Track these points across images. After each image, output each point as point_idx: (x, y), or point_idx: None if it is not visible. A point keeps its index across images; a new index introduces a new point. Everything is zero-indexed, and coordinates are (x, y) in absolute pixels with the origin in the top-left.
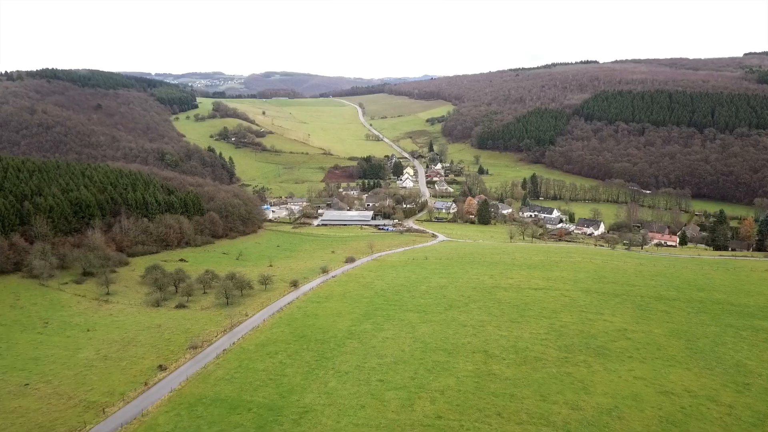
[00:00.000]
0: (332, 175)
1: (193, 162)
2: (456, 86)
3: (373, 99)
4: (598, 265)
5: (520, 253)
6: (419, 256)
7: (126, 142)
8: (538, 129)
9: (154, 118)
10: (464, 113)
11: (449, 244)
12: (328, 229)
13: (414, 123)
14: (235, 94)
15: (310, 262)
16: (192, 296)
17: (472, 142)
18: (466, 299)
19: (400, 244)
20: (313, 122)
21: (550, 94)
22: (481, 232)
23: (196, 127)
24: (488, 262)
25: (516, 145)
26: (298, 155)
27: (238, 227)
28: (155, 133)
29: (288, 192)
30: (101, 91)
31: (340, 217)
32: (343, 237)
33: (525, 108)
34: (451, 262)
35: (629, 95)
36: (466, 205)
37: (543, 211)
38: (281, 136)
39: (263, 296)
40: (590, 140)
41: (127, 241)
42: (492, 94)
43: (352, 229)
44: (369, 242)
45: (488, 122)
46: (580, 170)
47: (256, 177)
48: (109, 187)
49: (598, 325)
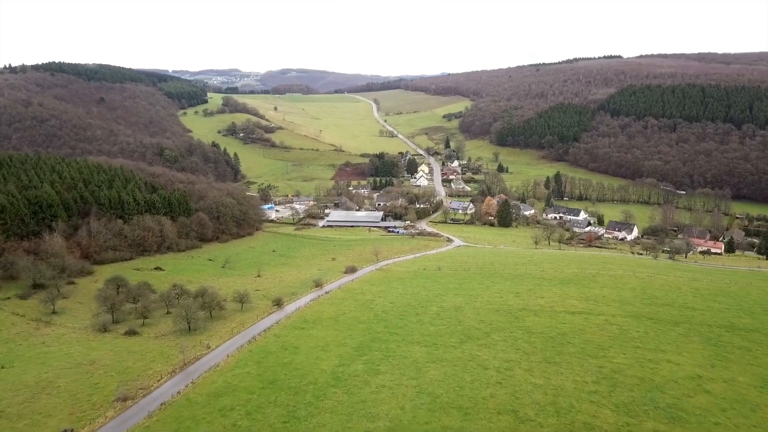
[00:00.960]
0: (343, 173)
1: (195, 158)
2: (474, 81)
3: (389, 95)
4: (644, 280)
5: (550, 264)
6: (431, 265)
7: (124, 136)
8: (560, 125)
9: (159, 112)
10: (483, 108)
11: (466, 251)
12: (332, 231)
13: (430, 119)
14: (249, 90)
15: (305, 271)
16: (151, 318)
17: (491, 138)
18: (488, 327)
19: (410, 249)
20: (326, 118)
21: (573, 88)
22: (501, 236)
23: (205, 122)
24: (512, 275)
25: (537, 142)
26: (308, 152)
27: (231, 229)
28: (158, 127)
29: (294, 190)
30: (107, 84)
31: (347, 218)
32: (347, 241)
33: (547, 103)
34: (468, 275)
35: (658, 89)
36: (485, 206)
37: (569, 213)
38: (291, 131)
39: (237, 319)
40: (617, 137)
41: (94, 247)
42: (512, 89)
43: (360, 232)
44: (375, 247)
45: (508, 118)
46: (607, 168)
47: (263, 174)
48: (79, 184)
49: (662, 370)
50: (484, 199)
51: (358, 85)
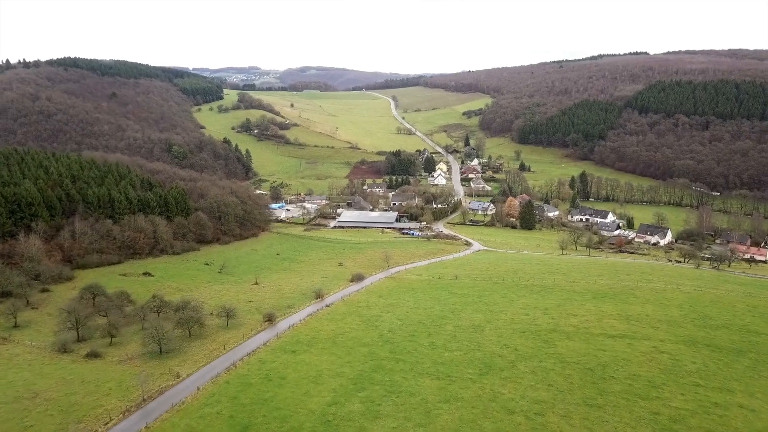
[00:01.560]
0: (358, 171)
1: (204, 154)
2: (495, 78)
3: (408, 92)
4: (691, 295)
5: (580, 273)
6: (448, 273)
7: (132, 131)
8: (585, 122)
9: (172, 108)
10: (504, 105)
11: (487, 256)
12: (344, 233)
13: (449, 116)
14: (266, 87)
15: (307, 278)
16: (121, 336)
17: (513, 136)
18: (512, 353)
19: (425, 254)
20: (342, 115)
21: (598, 85)
22: (524, 240)
23: (219, 118)
24: (539, 287)
25: (561, 140)
26: (323, 149)
27: (234, 230)
28: (169, 123)
29: (307, 189)
30: (121, 80)
31: (360, 219)
32: (358, 243)
33: (571, 100)
34: (489, 285)
35: (689, 86)
36: (507, 207)
37: (596, 215)
38: (306, 128)
39: (220, 338)
40: (646, 135)
41: (78, 249)
42: (534, 86)
43: (372, 233)
44: (387, 252)
45: (530, 115)
46: (635, 168)
47: (275, 172)
48: (66, 180)
49: (734, 419)
50: (505, 200)
51: (376, 83)
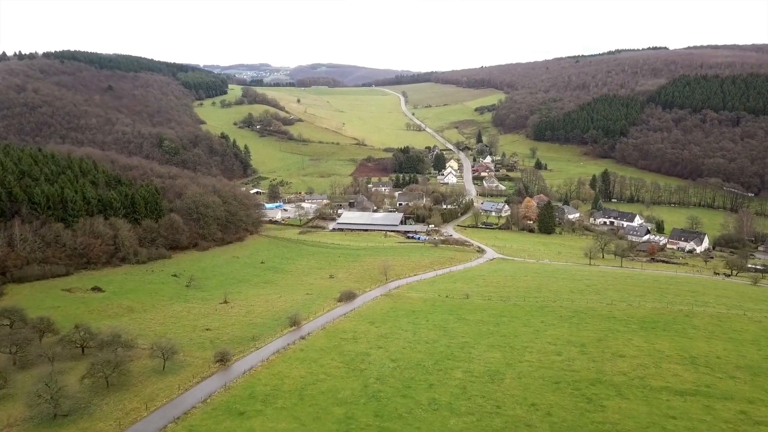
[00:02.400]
0: (364, 168)
1: (198, 150)
2: (508, 74)
3: (418, 88)
4: (765, 325)
5: (616, 290)
6: (457, 290)
7: (122, 125)
8: (605, 118)
9: (170, 102)
10: (518, 101)
11: (502, 267)
12: (342, 236)
13: (461, 112)
14: (274, 83)
15: (288, 295)
16: (11, 387)
17: (528, 132)
18: (545, 420)
19: (431, 263)
20: (350, 111)
21: (617, 79)
22: (544, 246)
23: (221, 113)
24: (569, 311)
25: (579, 137)
26: (328, 145)
27: (215, 234)
28: (165, 117)
29: (307, 187)
30: (120, 73)
31: (361, 220)
32: (356, 249)
33: (589, 95)
34: (507, 308)
35: (716, 80)
36: (523, 208)
37: (621, 218)
38: (312, 124)
39: (149, 388)
40: (671, 131)
41: (15, 259)
42: (550, 81)
43: (374, 237)
44: (386, 261)
45: (546, 110)
46: (660, 167)
47: (276, 169)
48: (8, 177)
49: None
50: (521, 200)
51: (386, 79)
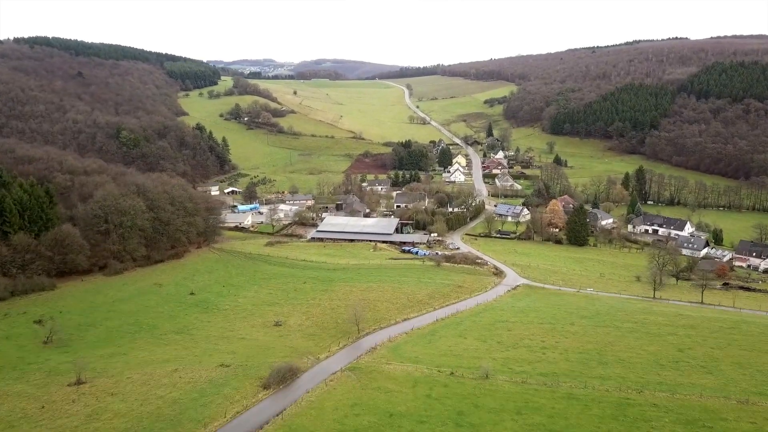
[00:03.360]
0: (360, 165)
1: (165, 142)
2: (520, 65)
3: (424, 80)
4: None
5: (732, 363)
6: (468, 353)
7: (75, 113)
8: (632, 109)
9: (149, 91)
10: (532, 91)
11: (533, 303)
12: (320, 249)
13: (469, 105)
14: (273, 76)
15: (189, 370)
16: None
17: (544, 125)
18: None
19: (430, 296)
20: (350, 104)
21: (641, 68)
22: (578, 263)
23: (207, 104)
24: (675, 416)
25: (603, 130)
26: (321, 139)
27: (136, 251)
28: (134, 106)
29: (290, 185)
30: (98, 60)
31: (346, 228)
32: (331, 270)
33: (611, 84)
34: (559, 405)
35: (756, 66)
36: (549, 212)
37: (667, 225)
38: (305, 116)
39: None
40: (709, 123)
41: None
42: (565, 71)
43: (360, 250)
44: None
45: (564, 101)
46: (698, 163)
47: (261, 164)
48: None
49: None
50: (543, 202)
51: (390, 71)
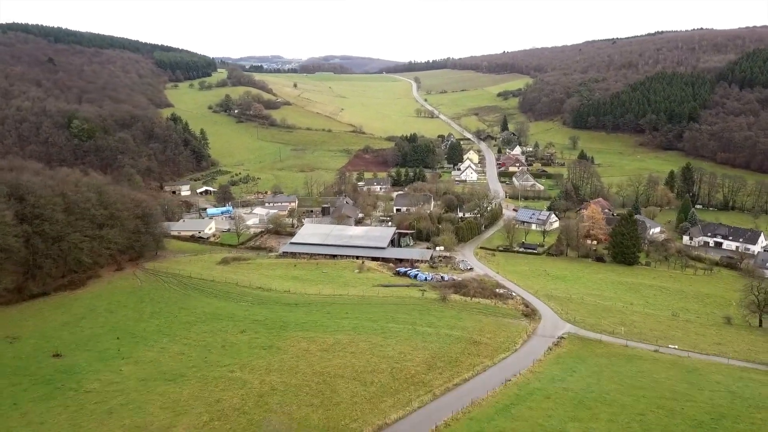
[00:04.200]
0: (359, 161)
1: (129, 133)
2: (535, 57)
3: (433, 74)
4: None
5: None
6: None
7: (23, 100)
8: (666, 99)
9: (129, 80)
10: (550, 82)
11: (592, 376)
12: (287, 269)
13: (481, 98)
14: (275, 70)
15: None
16: None
17: (565, 119)
18: None
19: (427, 364)
20: (354, 97)
21: (671, 57)
22: (633, 292)
23: (197, 96)
24: None
25: (633, 123)
26: (318, 133)
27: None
28: (105, 95)
29: (273, 185)
30: (78, 48)
31: (327, 240)
32: (292, 307)
33: (639, 74)
34: None
35: None
36: (587, 220)
37: (734, 236)
38: (302, 108)
39: None
40: (758, 115)
41: None
42: (586, 62)
43: (340, 271)
44: (333, 358)
45: (587, 92)
46: (749, 161)
47: (246, 160)
48: None
49: None
50: (574, 206)
51: (397, 65)
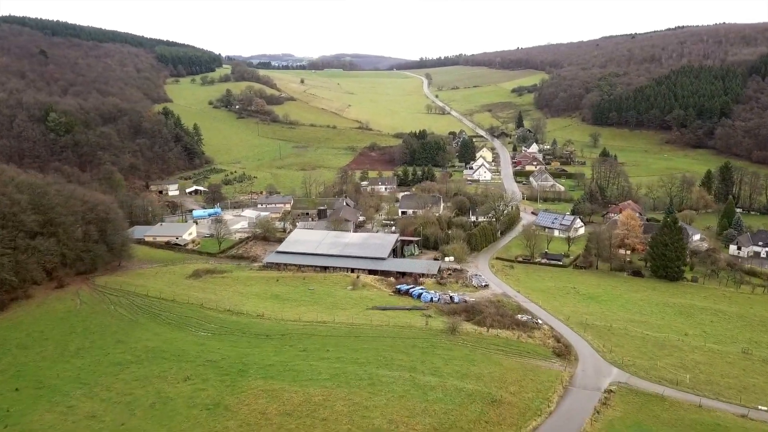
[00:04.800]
0: (365, 159)
1: (114, 128)
2: (550, 53)
3: (444, 70)
4: None
5: None
6: None
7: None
8: (696, 94)
9: (125, 74)
10: (568, 77)
11: None
12: (267, 285)
13: (494, 94)
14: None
15: None
16: None
17: (584, 115)
18: None
19: None
20: (362, 93)
21: (697, 50)
22: (685, 317)
23: (199, 91)
24: None
25: (659, 119)
26: (322, 129)
27: None
28: (95, 88)
29: (268, 185)
30: (75, 41)
31: (319, 249)
32: (262, 340)
33: (663, 68)
34: None
35: None
36: (621, 227)
37: None
38: (306, 104)
39: None
40: None
41: None
42: (605, 56)
43: (330, 287)
44: None
45: (607, 87)
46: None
47: (245, 158)
48: None
49: None
50: (601, 210)
51: (407, 62)
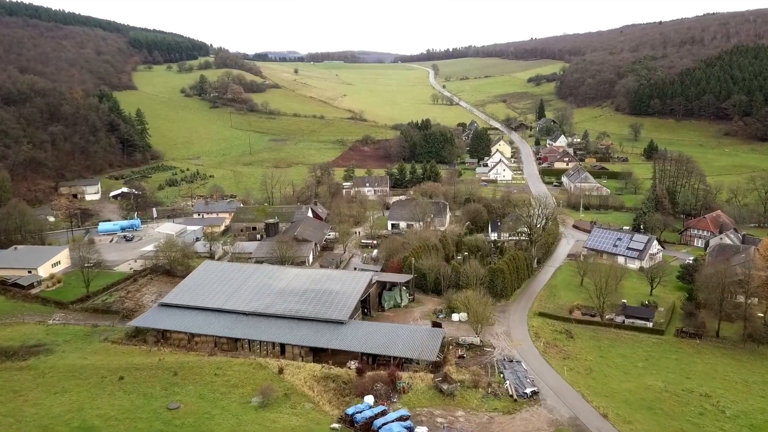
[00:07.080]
0: (356, 154)
1: (16, 111)
2: (568, 42)
3: (453, 62)
4: None
5: None
6: None
7: None
8: (760, 76)
9: (79, 56)
10: (595, 62)
11: None
12: (96, 387)
13: (508, 84)
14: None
15: None
16: None
17: (618, 103)
18: None
19: None
20: (362, 84)
21: (744, 30)
22: None
23: (172, 78)
24: None
25: (713, 106)
26: (307, 120)
27: None
28: (19, 65)
29: (213, 185)
30: (31, 21)
31: (228, 302)
32: None
33: (710, 49)
34: None
35: None
36: (760, 263)
37: None
38: (292, 92)
39: None
40: None
41: None
42: (635, 41)
43: (225, 392)
44: None
45: (645, 71)
46: None
47: (206, 153)
48: None
49: None
50: (672, 224)
51: (413, 55)
